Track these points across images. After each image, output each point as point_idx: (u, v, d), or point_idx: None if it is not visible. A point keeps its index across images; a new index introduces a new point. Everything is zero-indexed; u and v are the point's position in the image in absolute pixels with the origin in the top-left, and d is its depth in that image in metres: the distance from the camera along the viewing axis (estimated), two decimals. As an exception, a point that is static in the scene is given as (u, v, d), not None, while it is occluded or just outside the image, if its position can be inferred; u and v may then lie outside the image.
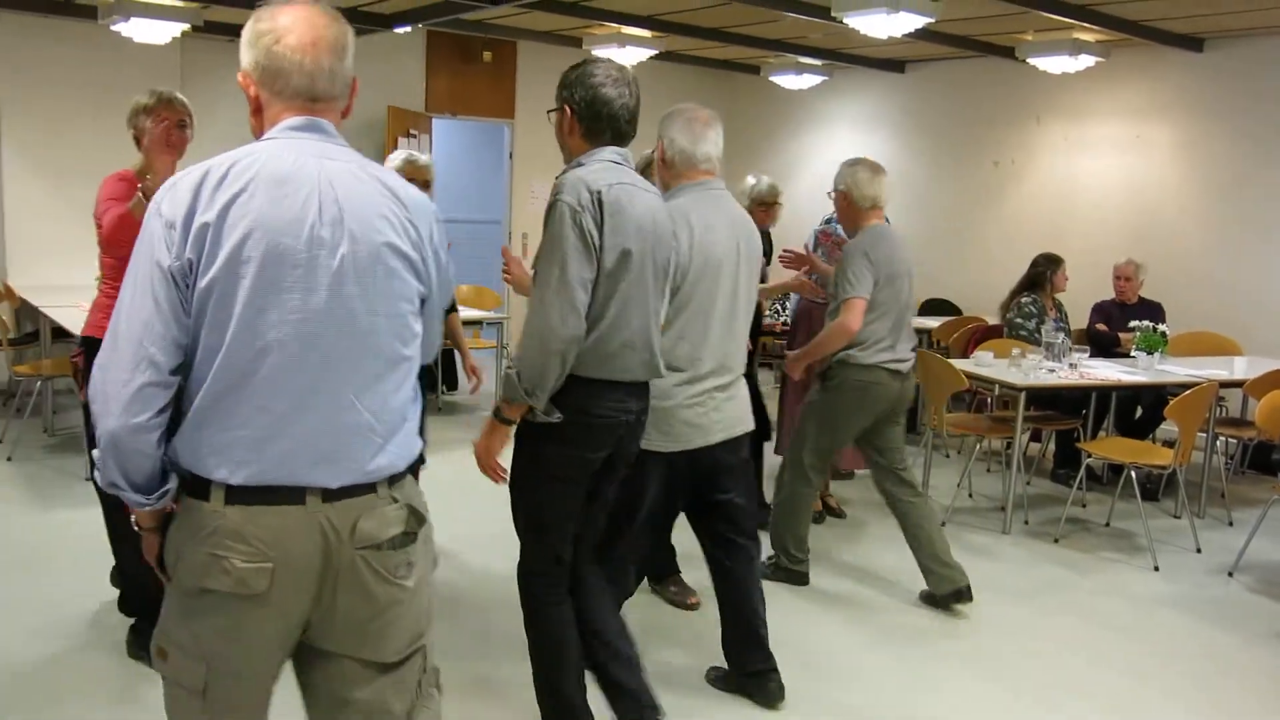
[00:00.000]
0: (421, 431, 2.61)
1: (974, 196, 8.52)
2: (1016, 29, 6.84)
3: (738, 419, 3.20)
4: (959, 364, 5.35)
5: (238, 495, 1.66)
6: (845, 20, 5.58)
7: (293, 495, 1.67)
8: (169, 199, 1.65)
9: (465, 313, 6.85)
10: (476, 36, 8.69)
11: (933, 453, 6.07)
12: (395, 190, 1.78)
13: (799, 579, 4.29)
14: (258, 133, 1.78)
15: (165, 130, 3.23)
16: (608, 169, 2.60)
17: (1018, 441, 5.16)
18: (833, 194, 4.13)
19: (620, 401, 2.66)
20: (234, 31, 7.50)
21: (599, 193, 2.51)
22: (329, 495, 1.69)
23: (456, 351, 4.47)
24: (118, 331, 1.65)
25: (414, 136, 8.59)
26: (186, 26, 6.54)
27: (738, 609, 3.32)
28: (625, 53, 7.35)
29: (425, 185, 3.97)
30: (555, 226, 2.51)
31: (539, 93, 9.22)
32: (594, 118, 2.60)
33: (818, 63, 8.41)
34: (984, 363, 5.44)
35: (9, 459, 5.74)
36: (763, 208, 4.91)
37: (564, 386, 2.55)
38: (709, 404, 3.07)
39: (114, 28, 6.48)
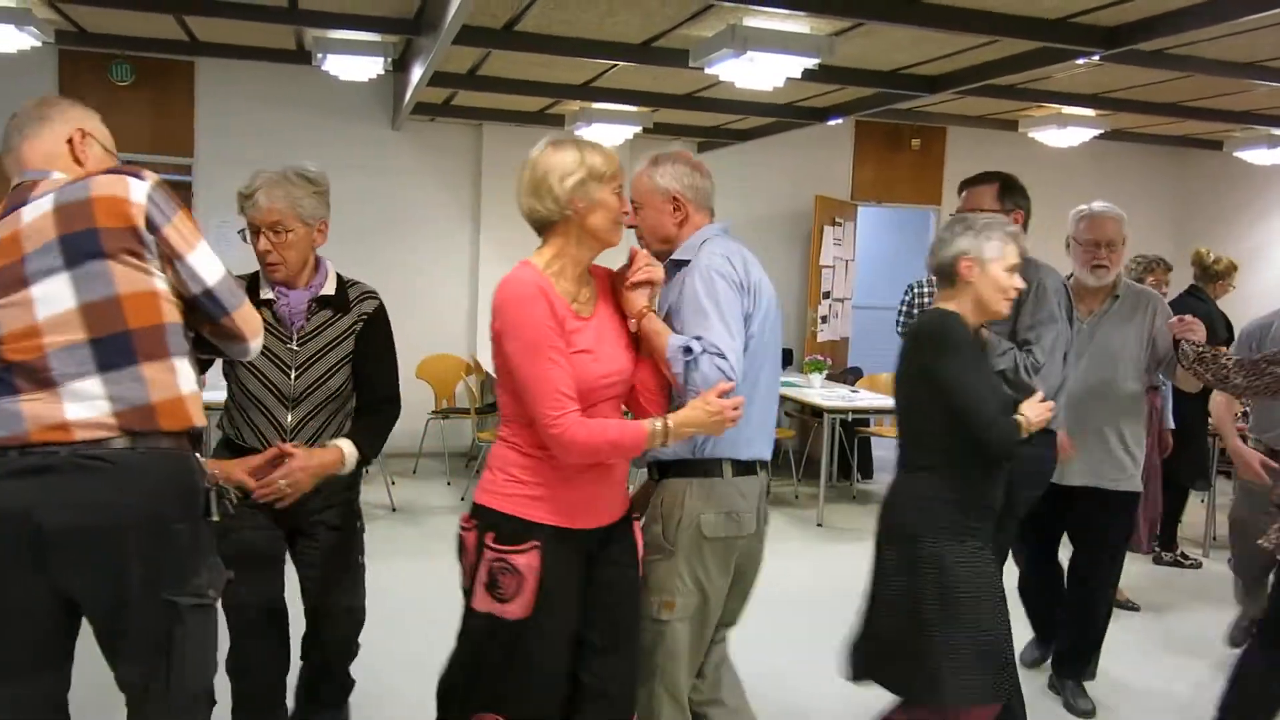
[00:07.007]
0: None
1: None
2: None
3: None
4: None
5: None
6: (1338, 86, 4.91)
7: None
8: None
9: (873, 400, 6.78)
10: (906, 125, 8.69)
11: None
12: None
13: None
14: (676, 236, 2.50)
15: None
16: None
17: None
18: None
19: None
20: (676, 131, 8.11)
21: None
22: None
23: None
24: None
25: (839, 225, 8.71)
26: (639, 129, 7.15)
27: None
28: (1065, 134, 6.97)
29: None
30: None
31: (968, 178, 9.07)
32: None
33: (1295, 134, 7.47)
34: None
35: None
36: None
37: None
38: None
39: (578, 132, 7.24)
